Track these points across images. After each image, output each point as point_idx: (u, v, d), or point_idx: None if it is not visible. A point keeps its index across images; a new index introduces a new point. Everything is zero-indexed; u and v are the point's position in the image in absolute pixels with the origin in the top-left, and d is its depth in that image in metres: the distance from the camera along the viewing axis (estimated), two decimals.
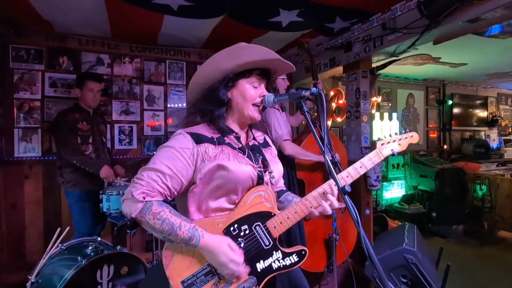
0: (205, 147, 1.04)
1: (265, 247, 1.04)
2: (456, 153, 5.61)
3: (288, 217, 1.06)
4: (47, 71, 3.00)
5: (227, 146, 1.09)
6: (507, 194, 4.07)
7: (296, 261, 1.06)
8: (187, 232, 0.95)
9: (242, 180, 1.04)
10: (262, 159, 1.16)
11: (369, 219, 2.99)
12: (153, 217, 0.94)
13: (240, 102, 1.11)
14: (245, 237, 1.03)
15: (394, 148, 1.16)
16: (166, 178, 0.98)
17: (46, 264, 1.94)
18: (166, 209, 0.96)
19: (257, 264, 1.03)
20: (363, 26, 2.83)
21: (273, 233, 1.05)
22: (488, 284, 2.77)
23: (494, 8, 1.86)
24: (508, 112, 6.68)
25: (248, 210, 1.05)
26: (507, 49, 3.67)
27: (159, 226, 0.94)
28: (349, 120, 3.12)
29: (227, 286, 0.99)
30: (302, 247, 1.08)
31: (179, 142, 1.03)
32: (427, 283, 1.91)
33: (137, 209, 0.94)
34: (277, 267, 1.04)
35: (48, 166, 2.97)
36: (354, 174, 1.09)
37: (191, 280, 0.98)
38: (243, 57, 1.04)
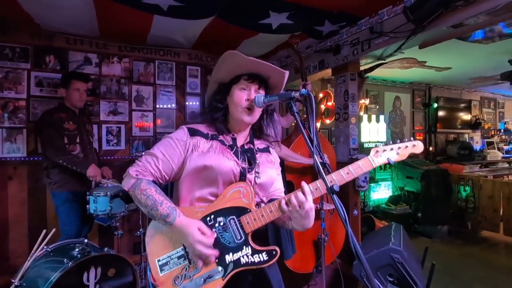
0: (197, 140, 1.15)
1: (236, 241, 1.08)
2: (441, 154, 5.76)
3: (262, 215, 1.08)
4: (33, 70, 2.93)
5: (218, 142, 1.18)
6: (490, 195, 4.20)
7: (265, 259, 1.07)
8: (167, 209, 1.05)
9: (223, 172, 1.11)
10: (250, 158, 1.20)
11: (357, 220, 3.03)
12: (140, 192, 1.07)
13: (232, 107, 1.19)
14: (218, 228, 1.09)
15: (391, 157, 1.06)
16: (159, 162, 1.12)
17: (31, 267, 1.89)
18: (153, 188, 1.09)
19: (226, 256, 1.07)
20: (351, 29, 2.88)
21: (245, 228, 1.09)
22: (472, 283, 2.85)
23: (477, 14, 1.93)
24: (490, 115, 6.90)
25: (226, 204, 1.11)
26: (489, 54, 3.80)
27: (144, 200, 1.06)
28: (337, 122, 3.17)
29: (195, 272, 1.06)
30: (274, 247, 1.08)
31: (177, 134, 1.17)
32: (413, 281, 1.96)
33: (129, 183, 1.10)
34: (245, 262, 1.07)
35: (33, 167, 2.91)
36: (338, 179, 1.04)
37: (165, 260, 1.09)
38: (224, 65, 1.17)
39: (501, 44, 3.33)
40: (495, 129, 6.88)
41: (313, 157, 0.96)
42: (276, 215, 1.08)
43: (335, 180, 1.04)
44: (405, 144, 1.08)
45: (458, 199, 4.54)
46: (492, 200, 4.17)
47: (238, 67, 1.16)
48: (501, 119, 7.09)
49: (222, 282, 1.05)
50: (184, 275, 1.06)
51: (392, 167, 5.05)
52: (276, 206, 1.07)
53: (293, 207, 1.01)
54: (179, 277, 1.06)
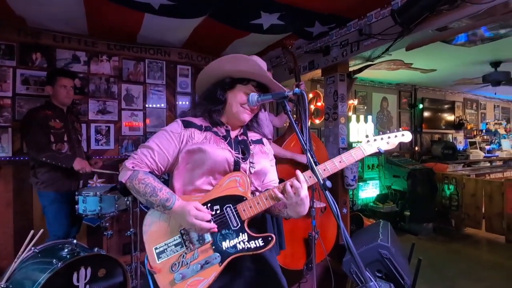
0: (191, 131, 1.18)
1: (233, 228, 1.11)
2: (426, 154, 5.91)
3: (258, 203, 1.11)
4: (19, 67, 2.87)
5: (212, 133, 1.20)
6: (472, 193, 4.34)
7: (261, 245, 1.09)
8: (166, 194, 1.09)
9: (218, 162, 1.14)
10: (244, 149, 1.23)
11: (346, 218, 3.09)
12: (138, 182, 1.10)
13: (232, 104, 1.21)
14: (215, 216, 1.11)
15: (381, 146, 1.10)
16: (154, 154, 1.14)
17: (18, 269, 1.85)
18: (150, 177, 1.12)
19: (223, 242, 1.09)
20: (341, 31, 2.94)
21: (242, 216, 1.11)
22: (456, 278, 2.94)
23: (460, 18, 2.00)
24: (473, 116, 7.13)
25: (222, 193, 1.13)
26: (472, 57, 3.94)
27: (143, 189, 1.09)
28: (327, 122, 3.22)
29: (192, 258, 1.09)
30: (270, 234, 1.11)
31: (172, 126, 1.20)
32: (400, 276, 2.02)
33: (126, 175, 1.12)
34: (241, 248, 1.09)
35: (19, 167, 2.84)
36: (331, 168, 1.09)
37: (162, 248, 1.11)
38: (242, 64, 1.17)
39: (483, 48, 3.46)
40: (477, 129, 7.11)
41: (305, 153, 0.98)
42: (271, 202, 1.11)
43: (328, 168, 1.09)
44: (395, 133, 1.13)
45: (443, 197, 4.67)
46: (475, 198, 4.31)
47: (256, 75, 1.19)
48: (483, 120, 7.33)
49: (219, 268, 1.07)
50: (181, 262, 1.08)
51: (380, 166, 5.16)
52: (272, 194, 1.10)
53: (288, 194, 1.05)
54: (176, 264, 1.08)
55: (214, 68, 1.22)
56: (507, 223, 3.92)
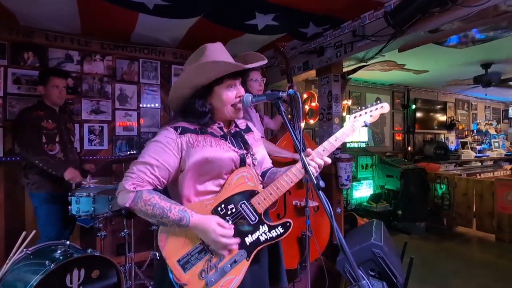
0: (187, 137, 1.11)
1: (252, 222, 1.13)
2: (419, 154, 5.98)
3: (270, 193, 1.13)
4: (10, 66, 2.83)
5: (209, 135, 1.16)
6: (464, 192, 4.41)
7: (281, 232, 1.14)
8: (177, 213, 1.03)
9: (225, 165, 1.12)
10: (243, 143, 1.23)
11: (340, 217, 3.12)
12: (145, 204, 1.02)
13: (220, 106, 1.17)
14: (232, 215, 1.11)
15: (366, 120, 1.21)
16: (154, 169, 1.06)
17: (9, 271, 1.82)
18: (156, 196, 1.04)
19: (245, 239, 1.11)
20: (335, 32, 2.96)
21: (258, 209, 1.13)
22: (448, 276, 2.99)
23: (452, 20, 2.04)
24: (464, 116, 7.24)
25: (233, 191, 1.13)
26: (463, 59, 4.00)
27: (151, 211, 1.02)
28: (321, 122, 3.24)
29: (220, 261, 1.08)
30: (287, 219, 1.16)
31: (164, 135, 1.11)
32: (393, 275, 2.04)
33: (129, 198, 1.02)
34: (265, 239, 1.13)
35: (10, 167, 2.80)
36: (329, 147, 1.16)
37: (186, 259, 1.07)
38: (211, 73, 1.10)
39: (474, 49, 3.51)
40: (469, 129, 7.22)
41: (299, 154, 0.99)
42: (283, 190, 1.14)
43: (327, 148, 1.15)
44: (375, 106, 1.25)
45: (435, 196, 4.73)
46: (466, 197, 4.38)
47: (224, 72, 1.12)
48: (474, 120, 7.45)
49: (247, 263, 1.10)
50: (209, 267, 1.07)
51: (373, 166, 5.20)
52: (281, 183, 1.13)
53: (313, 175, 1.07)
54: (205, 270, 1.06)
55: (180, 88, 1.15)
56: (497, 221, 4.00)
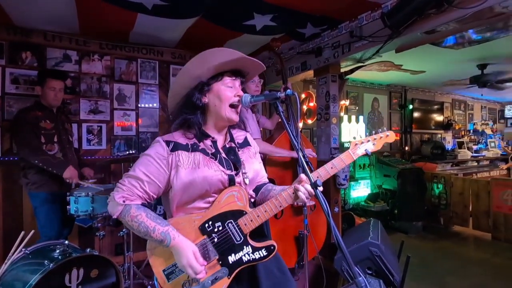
0: (178, 155, 1.12)
1: (236, 242, 1.13)
2: (416, 154, 6.02)
3: (258, 215, 1.13)
4: (8, 66, 2.83)
5: (200, 152, 1.15)
6: (460, 191, 4.45)
7: (264, 255, 1.13)
8: (160, 235, 1.05)
9: (212, 184, 1.12)
10: (235, 161, 1.21)
11: (337, 217, 3.14)
12: (131, 219, 1.06)
13: (217, 104, 1.16)
14: (218, 233, 1.12)
15: (368, 148, 1.16)
16: (144, 184, 1.10)
17: (8, 270, 1.82)
18: (143, 213, 1.07)
19: (229, 257, 1.12)
20: (333, 33, 2.98)
21: (244, 230, 1.13)
22: (444, 274, 3.01)
23: (447, 21, 2.06)
24: (461, 116, 7.29)
25: (222, 209, 1.14)
26: (460, 59, 4.04)
27: (136, 227, 1.07)
28: (319, 122, 3.26)
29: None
30: (271, 242, 1.15)
31: (156, 150, 1.12)
32: (390, 273, 2.06)
33: (118, 211, 1.07)
34: (247, 260, 1.12)
35: (8, 167, 2.80)
36: (324, 175, 1.14)
37: (171, 269, 1.11)
38: (211, 60, 1.12)
39: (470, 50, 3.55)
40: (465, 129, 7.28)
41: (297, 153, 1.01)
42: (271, 214, 1.13)
43: (321, 175, 1.13)
44: (380, 135, 1.19)
45: (432, 196, 4.77)
46: (462, 196, 4.42)
47: (226, 64, 1.14)
48: (470, 120, 7.51)
49: (228, 280, 1.10)
50: (192, 280, 1.08)
51: (371, 165, 5.23)
52: (270, 206, 1.13)
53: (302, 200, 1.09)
54: (187, 283, 1.09)
55: (180, 80, 1.17)
56: (493, 220, 4.04)
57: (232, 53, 1.12)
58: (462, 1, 1.93)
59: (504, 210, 3.93)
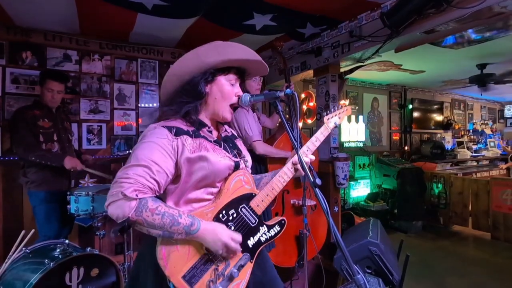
0: (184, 139, 1.03)
1: (252, 225, 1.15)
2: (415, 153, 6.03)
3: (267, 194, 1.16)
4: (9, 66, 2.83)
5: (204, 139, 1.09)
6: (460, 191, 4.46)
7: (278, 230, 1.19)
8: (188, 218, 0.97)
9: (221, 172, 1.08)
10: (236, 148, 1.23)
11: (337, 216, 3.14)
12: (151, 213, 0.92)
13: (217, 98, 1.12)
14: (234, 220, 1.11)
15: (336, 121, 1.41)
16: (154, 172, 0.96)
17: (8, 269, 1.83)
18: (161, 203, 0.96)
19: (248, 242, 1.13)
20: (332, 32, 2.99)
21: (257, 211, 1.15)
22: (443, 273, 3.02)
23: (447, 21, 2.07)
24: (460, 116, 7.30)
25: (232, 195, 1.12)
26: (459, 59, 4.04)
27: (159, 221, 0.93)
28: (319, 122, 3.27)
29: (226, 268, 1.07)
30: (281, 218, 1.21)
31: (157, 135, 1.00)
32: (389, 272, 2.07)
33: (131, 208, 0.90)
34: (265, 239, 1.16)
35: (8, 167, 2.81)
36: (312, 147, 1.30)
37: (192, 273, 1.01)
38: (228, 54, 1.07)
39: (470, 50, 3.56)
40: (465, 129, 7.29)
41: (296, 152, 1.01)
42: (278, 190, 1.17)
43: (310, 148, 1.29)
44: (341, 110, 1.45)
45: (431, 195, 4.78)
46: (462, 196, 4.42)
47: (238, 61, 1.12)
48: (470, 120, 7.52)
49: (251, 264, 1.12)
50: (217, 276, 1.04)
51: (371, 165, 5.24)
52: (276, 183, 1.18)
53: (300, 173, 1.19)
54: (213, 281, 1.03)
55: (190, 63, 1.08)
56: (493, 220, 4.04)
57: (252, 54, 1.13)
58: (461, 1, 1.94)
59: (504, 209, 3.94)
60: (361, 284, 0.86)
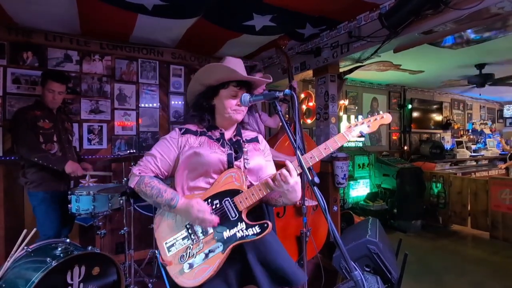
0: (187, 137, 1.31)
1: (231, 218, 1.21)
2: (415, 153, 6.05)
3: (252, 194, 1.21)
4: (10, 66, 2.85)
5: (206, 137, 1.32)
6: (459, 191, 4.48)
7: (258, 232, 1.19)
8: (170, 194, 1.21)
9: (212, 163, 1.24)
10: (239, 148, 1.32)
11: (336, 215, 3.16)
12: (145, 185, 1.23)
13: (221, 108, 1.32)
14: (216, 209, 1.23)
15: (363, 130, 1.18)
16: (157, 160, 1.28)
17: (11, 268, 1.85)
18: (155, 180, 1.25)
19: (223, 233, 1.20)
20: (331, 33, 3.01)
21: (239, 207, 1.22)
22: (442, 272, 3.04)
23: (445, 22, 2.08)
24: (460, 116, 7.31)
25: (221, 188, 1.25)
26: (458, 59, 4.06)
27: (150, 191, 1.22)
28: (318, 122, 3.28)
29: (198, 249, 1.20)
30: (266, 221, 1.20)
31: (171, 134, 1.34)
32: (387, 271, 2.09)
33: (134, 181, 1.25)
34: (241, 236, 1.19)
35: (9, 167, 2.82)
36: (318, 155, 1.17)
37: (171, 242, 1.24)
38: (216, 74, 1.28)
39: (469, 50, 3.57)
40: (464, 129, 7.30)
41: (296, 153, 1.03)
42: (264, 192, 1.20)
43: (315, 156, 1.18)
44: (375, 117, 1.20)
45: (431, 195, 4.79)
46: (461, 196, 4.44)
47: (232, 78, 1.29)
48: (469, 120, 7.53)
49: (222, 255, 1.17)
50: (188, 253, 1.20)
51: (370, 165, 5.26)
52: (264, 184, 1.19)
53: (278, 182, 1.14)
54: (184, 255, 1.20)
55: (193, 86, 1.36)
56: (491, 219, 4.06)
57: (232, 72, 1.25)
58: (458, 2, 1.96)
59: (502, 209, 3.96)
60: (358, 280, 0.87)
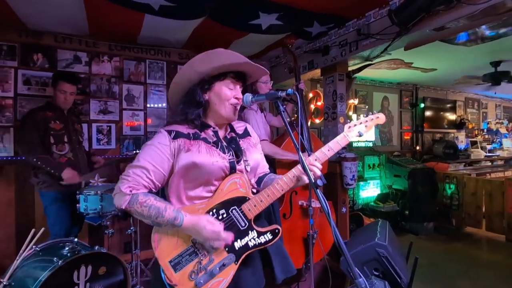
0: (180, 142, 1.14)
1: (241, 228, 1.15)
2: (427, 153, 5.90)
3: (261, 200, 1.16)
4: (21, 68, 2.90)
5: (202, 140, 1.17)
6: (473, 192, 4.34)
7: (270, 238, 1.16)
8: (172, 213, 1.06)
9: (213, 172, 1.14)
10: (235, 149, 1.23)
11: (345, 217, 3.10)
12: (140, 205, 1.06)
13: (217, 103, 1.19)
14: (223, 220, 1.14)
15: (361, 130, 1.22)
16: (150, 173, 1.10)
17: (19, 267, 1.87)
18: (151, 197, 1.09)
19: (235, 243, 1.14)
20: (340, 31, 2.95)
21: (248, 215, 1.16)
22: (455, 277, 2.95)
23: (457, 18, 2.01)
24: (474, 115, 7.10)
25: (225, 196, 1.16)
26: (472, 56, 3.93)
27: (147, 212, 1.06)
28: (326, 122, 3.23)
29: (209, 263, 1.11)
30: (276, 226, 1.17)
31: (158, 139, 1.15)
32: (397, 275, 2.03)
33: (125, 201, 1.07)
34: (253, 245, 1.15)
35: (21, 167, 2.87)
36: (321, 157, 1.17)
37: (177, 260, 1.11)
38: (216, 61, 1.14)
39: (483, 47, 3.45)
40: (479, 129, 7.09)
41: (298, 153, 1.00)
42: (273, 198, 1.15)
43: (319, 157, 1.16)
44: (370, 117, 1.24)
45: (444, 196, 4.66)
46: (475, 197, 4.30)
47: (230, 66, 1.17)
48: (484, 119, 7.31)
49: (235, 266, 1.13)
50: (199, 268, 1.10)
51: (381, 165, 5.16)
52: (272, 190, 1.16)
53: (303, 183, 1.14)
54: (194, 272, 1.10)
55: (186, 73, 1.18)
56: (508, 222, 3.92)
57: (237, 57, 1.15)
58: None
59: None
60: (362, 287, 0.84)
